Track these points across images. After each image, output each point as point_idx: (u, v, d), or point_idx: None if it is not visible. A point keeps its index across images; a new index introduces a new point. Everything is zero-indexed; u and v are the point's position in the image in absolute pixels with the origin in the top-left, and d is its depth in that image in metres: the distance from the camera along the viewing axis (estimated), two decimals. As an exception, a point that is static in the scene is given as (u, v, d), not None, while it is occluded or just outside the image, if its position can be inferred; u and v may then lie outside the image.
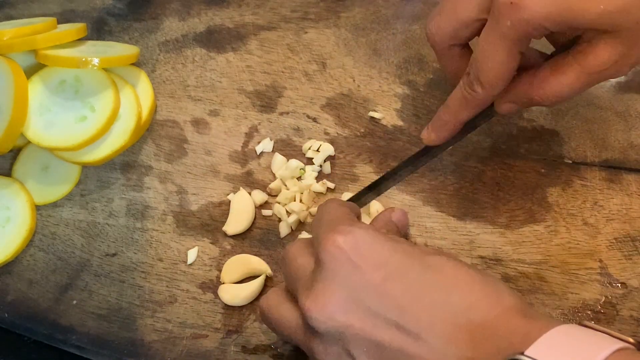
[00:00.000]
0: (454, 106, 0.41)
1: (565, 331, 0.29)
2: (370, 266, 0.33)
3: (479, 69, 0.38)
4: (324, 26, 0.55)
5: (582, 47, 0.37)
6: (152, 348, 0.46)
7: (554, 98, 0.38)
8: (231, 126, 0.53)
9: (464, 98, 0.40)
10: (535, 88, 0.39)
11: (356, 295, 0.33)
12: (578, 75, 0.37)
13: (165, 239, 0.49)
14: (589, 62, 0.36)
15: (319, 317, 0.33)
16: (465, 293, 0.33)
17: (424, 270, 0.33)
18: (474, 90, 0.39)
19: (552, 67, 0.38)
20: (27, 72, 0.50)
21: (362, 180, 0.49)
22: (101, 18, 0.59)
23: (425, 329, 0.31)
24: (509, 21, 0.35)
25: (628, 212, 0.45)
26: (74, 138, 0.49)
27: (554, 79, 0.38)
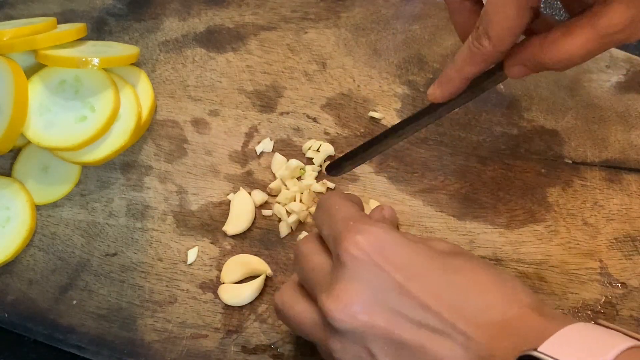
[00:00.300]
0: (460, 61, 0.41)
1: (579, 329, 0.30)
2: (392, 267, 0.33)
3: (488, 22, 0.37)
4: (324, 26, 0.55)
5: (595, 8, 0.36)
6: (152, 348, 0.46)
7: (564, 61, 0.38)
8: (231, 126, 0.53)
9: (471, 52, 0.39)
10: (546, 50, 0.38)
11: (378, 295, 0.33)
12: (590, 37, 0.36)
13: (165, 239, 0.49)
14: (602, 24, 0.35)
15: (341, 317, 0.33)
16: (484, 294, 0.33)
17: (445, 272, 0.34)
18: (481, 44, 0.38)
19: (564, 29, 0.37)
20: (27, 72, 0.50)
21: (362, 180, 0.49)
22: (101, 18, 0.59)
23: (447, 327, 0.32)
24: None
25: (628, 212, 0.45)
26: (74, 138, 0.49)
27: (565, 41, 0.37)
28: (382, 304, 0.33)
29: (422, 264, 0.34)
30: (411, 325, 0.32)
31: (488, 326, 0.32)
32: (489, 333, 0.31)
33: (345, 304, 0.33)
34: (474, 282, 0.34)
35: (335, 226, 0.36)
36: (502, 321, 0.32)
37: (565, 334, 0.29)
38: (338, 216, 0.37)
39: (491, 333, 0.31)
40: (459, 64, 0.41)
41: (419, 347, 0.32)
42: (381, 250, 0.34)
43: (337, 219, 0.37)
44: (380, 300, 0.33)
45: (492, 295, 0.33)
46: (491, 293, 0.33)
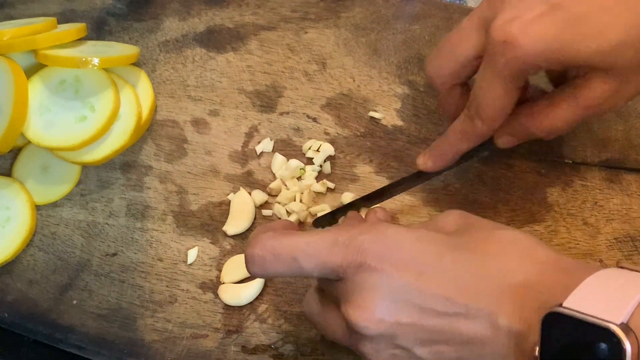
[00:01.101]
0: (454, 138, 0.42)
1: (601, 277, 0.30)
2: (401, 266, 0.33)
3: (479, 105, 0.39)
4: (324, 26, 0.55)
5: (577, 82, 0.38)
6: (152, 348, 0.46)
7: (550, 131, 0.40)
8: (231, 126, 0.53)
9: (464, 131, 0.41)
10: (532, 121, 0.40)
11: (398, 296, 0.33)
12: (574, 110, 0.38)
13: (165, 239, 0.49)
14: (584, 97, 0.37)
15: (368, 324, 0.33)
16: (499, 260, 0.33)
17: (453, 252, 0.34)
18: (474, 124, 0.40)
19: (549, 101, 0.39)
20: (27, 72, 0.50)
21: (362, 180, 0.49)
22: (101, 18, 0.59)
23: (472, 305, 0.32)
24: (504, 59, 0.36)
25: (628, 212, 0.45)
26: (74, 138, 0.49)
27: (550, 113, 0.39)
28: (404, 302, 0.33)
29: (430, 254, 0.34)
30: (437, 315, 0.33)
31: (511, 292, 0.32)
32: (513, 297, 0.31)
33: (369, 312, 0.33)
34: (486, 252, 0.34)
35: (320, 250, 0.35)
36: (524, 282, 0.32)
37: (588, 285, 0.29)
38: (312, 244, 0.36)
39: (516, 296, 0.31)
40: (452, 141, 0.43)
41: (451, 331, 0.32)
42: (386, 254, 0.34)
43: (314, 246, 0.36)
44: (401, 299, 0.33)
45: (508, 258, 0.33)
46: (506, 257, 0.33)
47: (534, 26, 0.35)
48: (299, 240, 0.36)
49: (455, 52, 0.40)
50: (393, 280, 0.33)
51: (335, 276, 0.35)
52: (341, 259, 0.34)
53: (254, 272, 0.37)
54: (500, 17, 0.36)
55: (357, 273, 0.34)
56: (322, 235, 0.36)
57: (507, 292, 0.32)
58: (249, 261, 0.36)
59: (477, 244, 0.34)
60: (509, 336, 0.31)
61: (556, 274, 0.32)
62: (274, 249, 0.36)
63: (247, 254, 0.36)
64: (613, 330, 0.27)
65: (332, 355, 0.44)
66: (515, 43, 0.35)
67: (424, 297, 0.33)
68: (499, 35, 0.36)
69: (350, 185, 0.49)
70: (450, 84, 0.42)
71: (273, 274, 0.37)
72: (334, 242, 0.35)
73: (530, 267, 0.32)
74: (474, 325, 0.32)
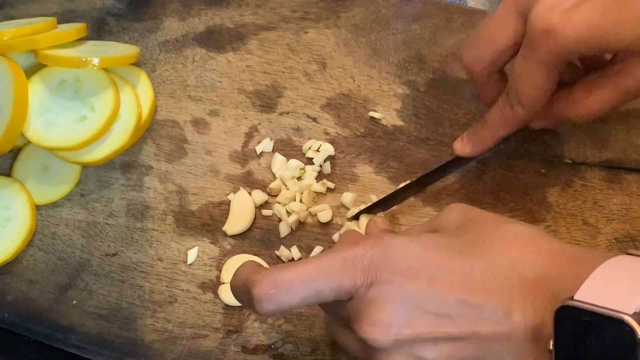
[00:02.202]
0: (493, 123, 0.43)
1: (611, 266, 0.30)
2: (410, 275, 0.33)
3: (519, 91, 0.39)
4: (324, 26, 0.55)
5: (617, 67, 0.38)
6: (152, 348, 0.46)
7: (588, 116, 0.40)
8: (231, 126, 0.53)
9: (504, 116, 0.42)
10: (570, 108, 0.40)
11: (411, 306, 0.33)
12: (613, 94, 0.39)
13: (165, 239, 0.49)
14: (624, 82, 0.38)
15: (384, 338, 0.33)
16: (506, 254, 0.33)
17: (460, 253, 0.34)
18: (514, 111, 0.41)
19: (587, 86, 0.40)
20: (27, 72, 0.50)
21: (362, 180, 0.49)
22: (101, 18, 0.59)
23: (486, 305, 0.32)
24: (545, 48, 0.36)
25: (628, 212, 0.45)
26: (74, 138, 0.49)
27: (589, 98, 0.39)
28: (419, 311, 0.33)
29: (438, 259, 0.34)
30: (452, 320, 0.32)
31: (521, 286, 0.32)
32: (524, 293, 0.31)
33: (384, 326, 0.33)
34: (491, 249, 0.34)
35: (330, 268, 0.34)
36: (533, 275, 0.32)
37: (598, 276, 0.29)
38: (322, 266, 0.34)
39: (526, 292, 0.31)
40: (493, 125, 0.43)
41: (469, 333, 0.32)
42: (395, 266, 0.33)
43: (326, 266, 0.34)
44: (415, 309, 0.33)
45: (514, 252, 0.33)
46: (512, 251, 0.33)
47: (575, 14, 0.35)
48: (306, 267, 0.34)
49: (494, 40, 0.40)
50: (405, 290, 0.33)
51: (348, 297, 0.34)
52: (353, 280, 0.33)
53: (268, 311, 0.34)
54: (539, 5, 0.36)
55: (369, 290, 0.33)
56: (330, 257, 0.34)
57: (517, 287, 0.32)
58: (258, 301, 0.33)
59: (482, 241, 0.34)
60: (525, 331, 0.31)
61: (564, 264, 0.32)
62: (285, 281, 0.34)
63: (255, 294, 0.33)
64: (626, 320, 0.27)
65: (332, 355, 0.44)
66: (557, 32, 0.35)
67: (439, 304, 0.32)
68: (540, 24, 0.36)
69: (350, 185, 0.49)
70: (488, 71, 0.42)
71: (288, 308, 0.34)
72: (344, 262, 0.34)
73: (536, 258, 0.32)
74: (491, 325, 0.32)
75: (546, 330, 0.30)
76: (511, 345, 0.32)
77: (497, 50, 0.41)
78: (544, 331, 0.30)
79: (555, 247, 0.33)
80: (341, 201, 0.48)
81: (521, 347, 0.31)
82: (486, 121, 0.43)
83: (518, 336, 0.31)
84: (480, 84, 0.44)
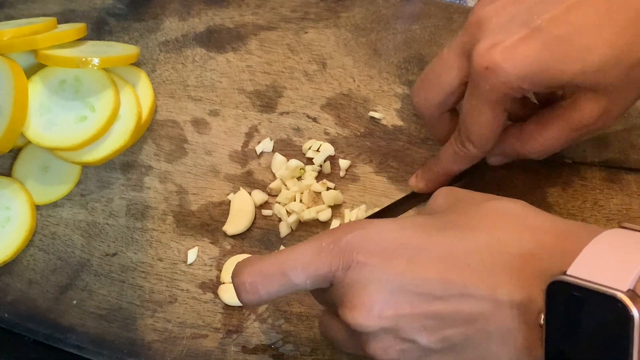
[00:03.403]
0: (446, 160, 0.43)
1: (604, 240, 0.29)
2: (389, 255, 0.33)
3: (468, 130, 0.39)
4: (324, 26, 0.55)
5: (565, 102, 0.37)
6: (152, 348, 0.46)
7: (540, 152, 0.40)
8: (231, 126, 0.53)
9: (456, 154, 0.42)
10: (523, 143, 0.40)
11: (392, 286, 0.32)
12: (563, 131, 0.38)
13: (165, 239, 0.49)
14: (573, 118, 0.37)
15: (367, 322, 0.33)
16: (490, 232, 0.33)
17: (441, 231, 0.33)
18: (466, 148, 0.41)
19: (538, 122, 0.39)
20: (27, 72, 0.50)
21: (362, 180, 0.49)
22: (101, 18, 0.59)
23: (469, 283, 0.31)
24: (488, 85, 0.36)
25: (628, 212, 0.45)
26: (74, 138, 0.49)
27: (539, 135, 0.39)
28: (399, 292, 0.32)
29: (417, 238, 0.33)
30: (435, 299, 0.32)
31: (506, 264, 0.31)
32: (509, 270, 0.31)
33: (365, 309, 0.33)
34: (473, 227, 0.33)
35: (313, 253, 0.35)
36: (519, 251, 0.31)
37: (591, 250, 0.29)
38: (300, 257, 0.35)
39: (511, 269, 0.31)
40: (445, 162, 0.43)
41: (452, 312, 0.32)
42: (372, 247, 0.33)
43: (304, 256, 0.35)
44: (396, 289, 0.32)
45: (498, 229, 0.33)
46: (496, 228, 0.33)
47: (516, 50, 0.35)
48: (283, 255, 0.35)
49: (440, 81, 0.40)
50: (384, 272, 0.33)
51: (327, 283, 0.34)
52: (329, 264, 0.34)
53: (248, 301, 0.35)
54: (481, 44, 0.36)
55: (347, 274, 0.33)
56: (306, 244, 0.35)
57: (502, 264, 0.31)
58: (239, 291, 0.35)
59: (465, 220, 0.34)
60: (511, 308, 0.31)
61: (553, 239, 0.31)
62: (261, 270, 0.35)
63: (236, 283, 0.35)
64: (619, 297, 0.26)
65: (332, 356, 0.44)
66: (498, 68, 0.35)
67: (419, 283, 0.32)
68: (481, 61, 0.36)
69: (350, 185, 0.49)
70: (438, 112, 0.42)
71: (267, 298, 0.35)
72: (319, 248, 0.34)
73: (523, 235, 0.32)
74: (475, 303, 0.31)
75: (534, 306, 0.30)
76: (497, 323, 0.31)
77: (445, 92, 0.40)
78: (531, 307, 0.30)
79: (543, 221, 0.33)
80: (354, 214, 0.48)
81: (508, 325, 0.31)
82: (439, 158, 0.43)
83: (504, 314, 0.31)
84: (432, 124, 0.44)
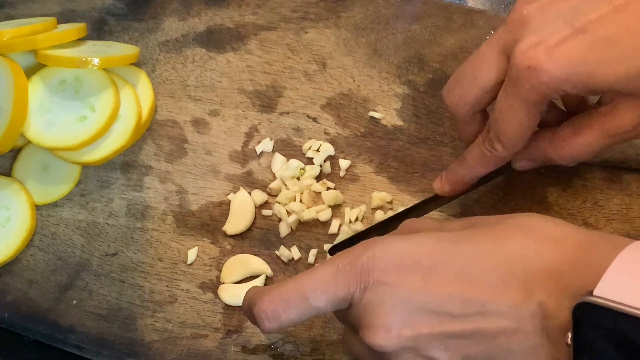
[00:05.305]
0: (471, 162, 0.42)
1: (629, 256, 0.28)
2: (406, 273, 0.33)
3: (499, 130, 0.38)
4: (324, 26, 0.55)
5: (604, 108, 0.37)
6: (152, 348, 0.46)
7: (572, 158, 0.39)
8: (231, 126, 0.53)
9: (483, 155, 0.41)
10: (555, 148, 0.39)
11: (410, 305, 0.32)
12: (599, 137, 0.37)
13: (165, 239, 0.49)
14: (611, 124, 0.36)
15: (387, 343, 0.32)
16: (507, 246, 0.32)
17: (457, 246, 0.33)
18: (494, 149, 0.39)
19: (572, 127, 0.38)
20: (27, 72, 0.50)
21: (362, 180, 0.49)
22: (101, 18, 0.59)
23: (488, 300, 0.31)
24: (528, 85, 0.35)
25: (628, 212, 0.45)
26: (74, 138, 0.49)
27: (573, 140, 0.38)
28: (417, 310, 0.32)
29: (433, 254, 0.33)
30: (454, 318, 0.32)
31: (527, 277, 0.31)
32: (530, 283, 0.30)
33: (383, 330, 0.32)
34: (489, 241, 0.33)
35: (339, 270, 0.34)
36: (538, 265, 0.31)
37: (617, 268, 0.28)
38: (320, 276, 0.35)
39: (533, 282, 0.30)
40: (470, 164, 0.42)
41: (473, 331, 0.31)
42: (387, 265, 0.33)
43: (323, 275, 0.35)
44: (414, 308, 0.32)
45: (516, 243, 0.32)
46: (514, 242, 0.32)
47: (560, 50, 0.34)
48: (302, 279, 0.34)
49: (477, 79, 0.39)
50: (400, 290, 0.32)
51: (347, 304, 0.34)
52: (347, 286, 0.33)
53: (270, 328, 0.35)
54: (524, 42, 0.35)
55: (364, 295, 0.33)
56: (323, 267, 0.34)
57: (522, 279, 0.31)
58: (260, 319, 0.34)
59: (482, 235, 0.33)
60: (534, 324, 0.30)
61: (576, 251, 0.31)
62: (281, 296, 0.34)
63: (256, 312, 0.34)
64: None
65: (332, 356, 0.44)
66: (541, 68, 0.34)
67: (436, 301, 0.32)
68: (524, 60, 0.35)
69: (350, 185, 0.49)
70: (471, 111, 0.41)
71: (288, 324, 0.35)
72: (336, 270, 0.34)
73: (544, 247, 0.31)
74: (495, 320, 0.31)
75: (557, 322, 0.29)
76: (520, 340, 0.31)
77: (481, 90, 0.39)
78: (555, 323, 0.29)
79: (563, 232, 0.32)
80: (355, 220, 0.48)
81: (531, 341, 0.30)
82: (465, 159, 0.42)
83: (527, 330, 0.30)
84: (463, 123, 0.43)
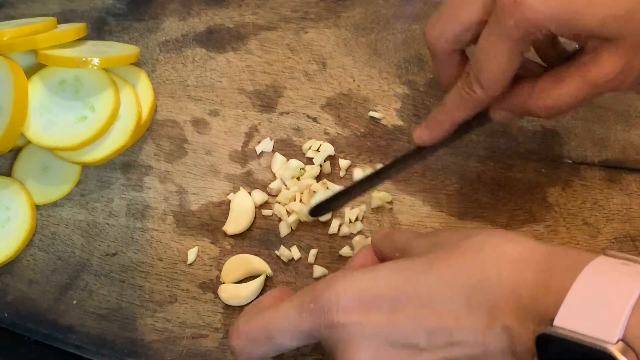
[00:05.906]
0: (450, 105, 0.41)
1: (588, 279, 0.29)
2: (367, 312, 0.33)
3: (479, 69, 0.38)
4: (324, 26, 0.55)
5: (585, 58, 0.36)
6: (152, 348, 0.46)
7: (552, 109, 0.38)
8: (231, 126, 0.53)
9: (462, 98, 0.40)
10: (534, 98, 0.38)
11: (378, 341, 0.32)
12: (580, 86, 0.37)
13: (165, 238, 0.49)
14: (592, 73, 0.36)
15: None
16: (467, 271, 0.32)
17: (418, 277, 0.33)
18: (472, 90, 0.39)
19: (553, 77, 0.38)
20: (27, 72, 0.50)
21: (362, 180, 0.49)
22: (101, 18, 0.59)
23: (454, 328, 0.31)
24: (512, 20, 0.34)
25: (628, 212, 0.45)
26: (74, 138, 0.49)
27: (554, 90, 0.37)
28: (386, 345, 0.32)
29: (394, 286, 0.33)
30: (423, 351, 0.32)
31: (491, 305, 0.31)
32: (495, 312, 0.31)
33: None
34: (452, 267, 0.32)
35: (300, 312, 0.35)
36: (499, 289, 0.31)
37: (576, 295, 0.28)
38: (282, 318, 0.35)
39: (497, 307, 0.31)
40: (449, 108, 0.41)
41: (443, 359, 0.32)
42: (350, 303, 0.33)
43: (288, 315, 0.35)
44: (382, 344, 0.32)
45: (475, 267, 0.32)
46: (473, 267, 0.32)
47: None
48: (266, 317, 0.35)
49: (460, 15, 0.38)
50: (366, 327, 0.32)
51: (315, 339, 0.34)
52: (312, 323, 0.34)
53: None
54: None
55: (330, 332, 0.33)
56: (289, 304, 0.35)
57: (484, 305, 0.31)
58: (234, 354, 0.36)
59: (443, 262, 0.33)
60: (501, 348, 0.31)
61: (535, 272, 0.31)
62: (247, 334, 0.35)
63: (230, 347, 0.36)
64: (610, 351, 0.26)
65: (332, 355, 0.44)
66: (526, 3, 0.34)
67: (404, 335, 0.32)
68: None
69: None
70: (451, 49, 0.40)
71: (262, 356, 0.36)
72: (300, 308, 0.34)
73: (501, 270, 0.31)
74: (463, 348, 0.31)
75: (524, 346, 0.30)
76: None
77: (463, 26, 0.38)
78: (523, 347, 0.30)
79: (522, 252, 0.32)
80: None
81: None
82: (444, 104, 0.41)
83: (495, 355, 0.31)
84: (442, 62, 0.42)
